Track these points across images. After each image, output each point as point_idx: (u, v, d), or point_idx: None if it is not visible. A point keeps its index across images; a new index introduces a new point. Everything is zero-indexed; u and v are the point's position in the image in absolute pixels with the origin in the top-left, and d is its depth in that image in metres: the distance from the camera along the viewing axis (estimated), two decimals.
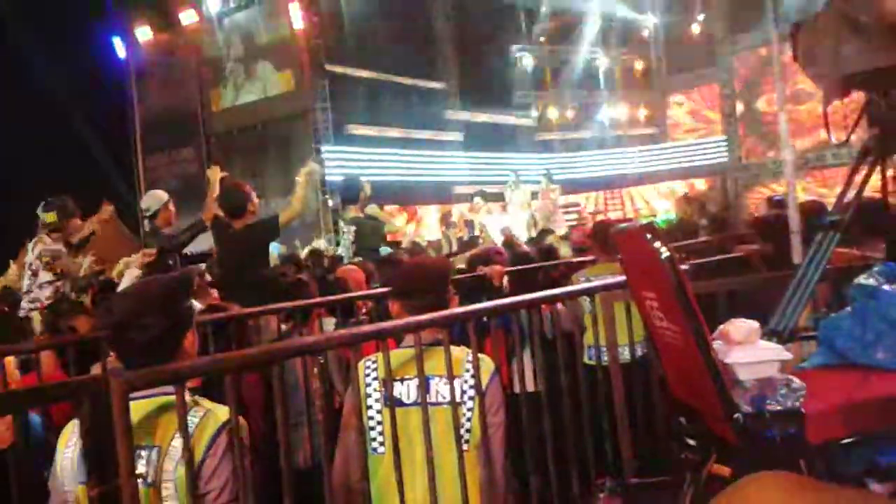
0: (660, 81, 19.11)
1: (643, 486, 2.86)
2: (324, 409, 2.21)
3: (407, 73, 15.87)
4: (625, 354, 3.11)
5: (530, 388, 2.79)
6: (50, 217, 5.51)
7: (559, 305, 2.90)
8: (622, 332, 3.00)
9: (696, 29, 17.56)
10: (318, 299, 3.98)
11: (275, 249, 10.49)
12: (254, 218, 5.31)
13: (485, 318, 3.01)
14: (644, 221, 2.63)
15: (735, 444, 1.91)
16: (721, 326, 1.99)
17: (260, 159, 15.46)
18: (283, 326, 3.65)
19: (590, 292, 2.87)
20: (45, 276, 5.43)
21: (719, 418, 1.92)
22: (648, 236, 1.67)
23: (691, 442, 2.20)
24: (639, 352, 3.26)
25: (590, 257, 4.95)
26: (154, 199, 5.78)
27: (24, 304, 5.30)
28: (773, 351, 1.97)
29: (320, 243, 10.15)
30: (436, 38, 16.84)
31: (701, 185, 17.39)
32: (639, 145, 18.81)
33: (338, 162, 14.61)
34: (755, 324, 1.96)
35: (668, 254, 1.66)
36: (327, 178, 14.58)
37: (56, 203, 5.55)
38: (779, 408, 1.87)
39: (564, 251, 6.09)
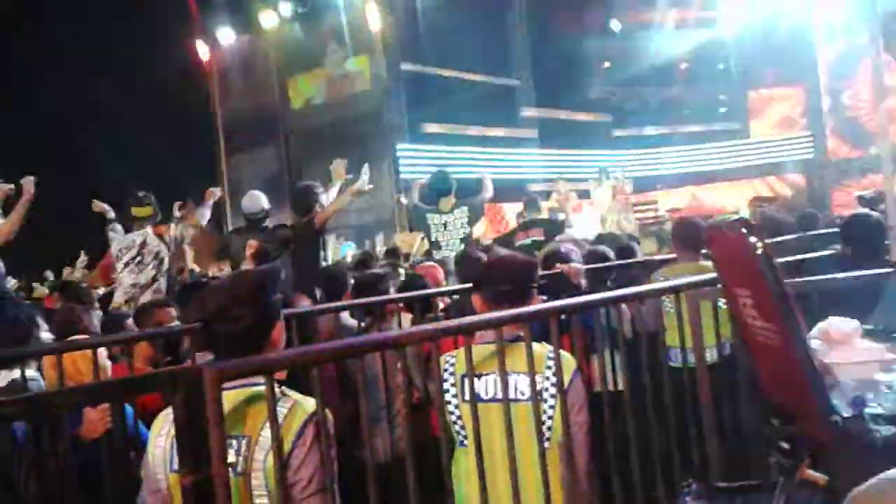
0: (742, 75, 18.54)
1: (731, 490, 2.77)
2: (406, 403, 2.22)
3: (481, 70, 15.85)
4: (712, 355, 3.02)
5: (611, 387, 2.75)
6: (145, 211, 5.71)
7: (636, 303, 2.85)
8: (709, 332, 2.92)
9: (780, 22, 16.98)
10: (397, 295, 4.02)
11: (348, 248, 10.65)
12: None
13: (563, 316, 2.98)
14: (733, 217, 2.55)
15: (832, 448, 1.83)
16: (819, 325, 1.91)
17: (336, 157, 15.70)
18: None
19: (675, 290, 2.80)
20: (147, 269, 5.61)
21: (816, 421, 1.84)
22: (744, 231, 1.61)
23: (784, 445, 2.12)
24: (726, 352, 3.17)
25: (671, 256, 4.84)
26: (256, 203, 6.04)
27: (117, 296, 5.47)
28: (875, 351, 1.88)
29: (410, 240, 10.21)
30: (510, 34, 16.76)
31: (781, 182, 16.86)
32: (719, 141, 18.29)
33: (412, 160, 14.72)
34: (856, 323, 1.88)
35: (763, 249, 1.60)
36: (402, 176, 14.71)
37: (148, 198, 5.77)
38: (880, 410, 1.78)
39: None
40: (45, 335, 3.28)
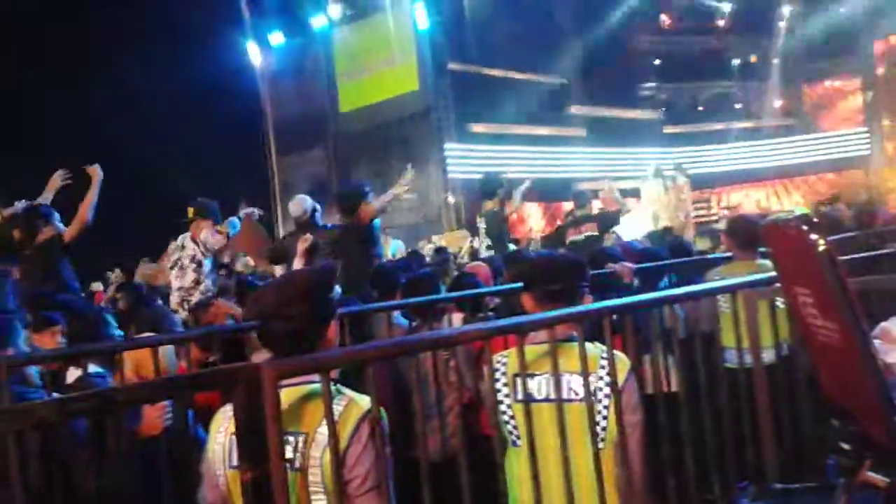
0: (797, 70, 18.11)
1: (788, 491, 2.73)
2: (460, 401, 2.23)
3: (529, 69, 15.80)
4: (769, 356, 2.96)
5: (664, 387, 2.72)
6: (191, 214, 5.84)
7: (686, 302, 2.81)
8: (766, 332, 2.87)
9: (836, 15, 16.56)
10: (447, 294, 4.03)
11: (397, 247, 10.70)
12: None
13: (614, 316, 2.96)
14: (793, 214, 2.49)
15: (894, 450, 1.79)
16: (882, 324, 1.86)
17: (384, 159, 15.83)
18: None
19: (732, 290, 2.76)
20: (188, 273, 5.73)
21: (878, 421, 1.80)
22: (804, 228, 1.57)
23: (845, 446, 2.07)
24: (783, 352, 3.11)
25: (726, 254, 4.75)
26: (301, 207, 6.14)
27: (173, 299, 5.60)
28: None
29: (455, 239, 10.23)
30: (558, 32, 16.66)
31: (839, 179, 16.42)
32: (774, 138, 17.91)
33: (460, 160, 14.74)
34: None
35: (825, 247, 1.56)
36: (449, 176, 14.74)
37: (197, 202, 5.88)
38: None
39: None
40: (116, 332, 3.39)
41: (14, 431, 1.89)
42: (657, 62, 17.72)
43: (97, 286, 10.77)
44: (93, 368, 2.92)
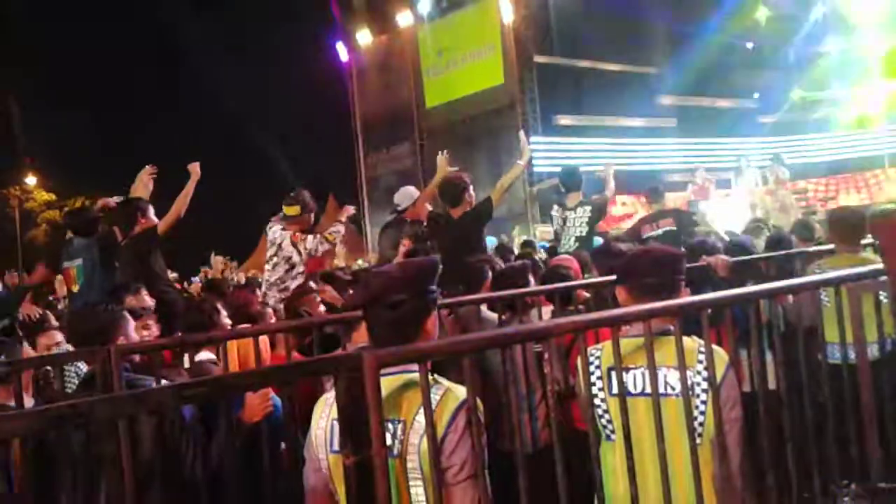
0: None
1: (893, 491, 2.62)
2: (552, 394, 2.24)
3: (616, 59, 15.55)
4: (873, 351, 2.86)
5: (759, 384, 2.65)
6: (293, 210, 5.94)
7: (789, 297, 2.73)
8: (870, 327, 2.76)
9: None
10: (538, 287, 4.03)
11: (491, 241, 10.74)
12: (469, 207, 5.62)
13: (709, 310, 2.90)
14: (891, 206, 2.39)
15: None
16: None
17: (469, 152, 15.89)
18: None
19: (835, 283, 2.67)
20: (279, 270, 5.87)
21: None
22: None
23: None
24: (888, 347, 2.99)
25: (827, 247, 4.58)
26: (406, 195, 6.24)
27: (274, 293, 5.70)
28: None
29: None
30: (647, 21, 16.32)
31: None
32: (880, 126, 17.06)
33: (545, 153, 14.65)
34: None
35: None
36: (535, 169, 14.66)
37: (298, 197, 6.00)
38: None
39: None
40: (225, 321, 3.54)
41: (128, 417, 2.02)
42: (750, 46, 17.14)
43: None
44: (204, 355, 3.07)
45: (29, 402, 2.94)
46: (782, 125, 17.22)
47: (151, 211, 5.73)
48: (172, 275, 8.83)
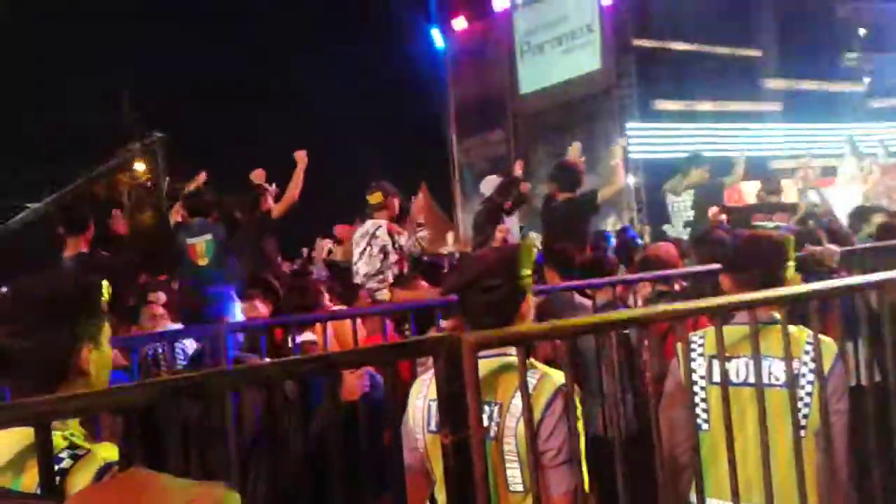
0: None
1: None
2: (651, 381, 2.21)
3: (719, 42, 15.00)
4: None
5: (865, 379, 2.54)
6: (376, 198, 5.97)
7: None
8: None
9: None
10: (633, 275, 3.98)
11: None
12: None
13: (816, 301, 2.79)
14: None
15: None
16: None
17: (565, 138, 15.67)
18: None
19: None
20: (374, 260, 5.94)
21: None
22: None
23: None
24: None
25: None
26: (491, 184, 6.29)
27: (372, 284, 5.74)
28: None
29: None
30: (752, 2, 15.68)
31: None
32: None
33: (643, 139, 14.34)
34: None
35: None
36: (631, 156, 14.35)
37: (380, 186, 6.03)
38: None
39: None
40: (328, 303, 3.67)
41: (235, 389, 2.10)
42: (862, 31, 16.24)
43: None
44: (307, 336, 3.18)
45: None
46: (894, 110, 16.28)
47: (270, 197, 6.05)
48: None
